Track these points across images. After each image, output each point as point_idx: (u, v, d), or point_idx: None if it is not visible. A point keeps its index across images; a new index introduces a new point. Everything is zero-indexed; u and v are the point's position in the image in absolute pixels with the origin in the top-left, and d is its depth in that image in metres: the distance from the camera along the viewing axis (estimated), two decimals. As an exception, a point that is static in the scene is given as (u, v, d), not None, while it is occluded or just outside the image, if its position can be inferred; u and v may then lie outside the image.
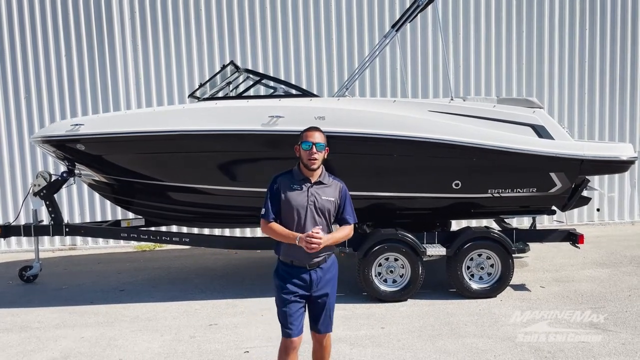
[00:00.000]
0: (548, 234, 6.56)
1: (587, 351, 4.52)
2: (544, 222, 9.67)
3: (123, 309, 5.97)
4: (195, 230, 8.19)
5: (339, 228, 3.56)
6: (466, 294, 5.99)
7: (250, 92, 6.65)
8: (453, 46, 9.66)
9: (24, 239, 9.21)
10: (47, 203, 6.83)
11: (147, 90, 9.37)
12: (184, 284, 6.90)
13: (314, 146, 3.38)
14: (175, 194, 6.44)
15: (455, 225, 8.54)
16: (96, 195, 9.06)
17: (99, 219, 9.28)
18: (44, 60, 9.26)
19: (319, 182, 3.46)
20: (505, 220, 7.11)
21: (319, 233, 3.30)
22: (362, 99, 7.46)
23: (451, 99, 6.18)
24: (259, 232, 8.50)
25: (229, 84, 6.84)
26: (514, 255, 6.02)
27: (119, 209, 8.33)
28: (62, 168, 7.16)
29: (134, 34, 9.31)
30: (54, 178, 6.88)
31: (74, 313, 5.90)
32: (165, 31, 9.34)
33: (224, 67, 7.18)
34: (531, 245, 6.39)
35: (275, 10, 9.40)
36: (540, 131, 5.90)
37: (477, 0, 9.65)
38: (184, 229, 8.13)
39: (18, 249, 9.36)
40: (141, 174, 6.30)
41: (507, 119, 5.91)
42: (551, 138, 5.89)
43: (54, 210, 6.83)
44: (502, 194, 6.01)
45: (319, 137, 3.42)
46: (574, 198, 6.24)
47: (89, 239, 9.40)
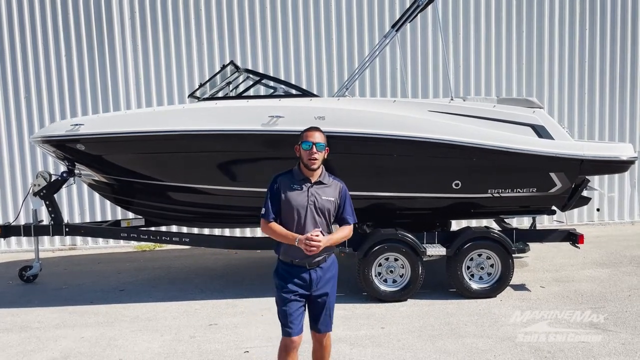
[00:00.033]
0: (548, 234, 6.56)
1: (587, 351, 4.52)
2: (544, 222, 9.67)
3: (123, 309, 5.97)
4: (195, 230, 8.19)
5: (338, 228, 3.56)
6: (466, 294, 5.99)
7: (250, 92, 6.65)
8: (453, 46, 9.66)
9: (24, 239, 9.21)
10: (47, 203, 6.83)
11: (147, 90, 9.37)
12: (184, 284, 6.90)
13: (314, 146, 3.39)
14: (175, 194, 6.45)
15: (455, 225, 8.54)
16: (96, 195, 9.06)
17: (99, 219, 9.28)
18: (43, 61, 9.26)
19: (319, 182, 3.47)
20: (505, 220, 7.12)
21: (318, 236, 3.31)
22: (362, 99, 7.47)
23: (451, 99, 6.18)
24: (259, 232, 8.50)
25: (229, 84, 6.84)
26: (514, 255, 6.02)
27: (119, 209, 8.33)
28: (62, 168, 7.16)
29: (134, 34, 9.31)
30: (54, 178, 6.88)
31: (74, 313, 5.91)
32: (165, 31, 9.34)
33: (224, 67, 7.18)
34: (531, 245, 6.39)
35: (275, 10, 9.40)
36: (540, 131, 5.90)
37: (477, 0, 9.65)
38: (184, 229, 8.13)
39: (18, 249, 9.36)
40: (141, 174, 6.30)
41: (507, 119, 5.91)
42: (551, 138, 5.90)
43: (54, 210, 6.84)
44: (502, 194, 6.02)
45: (319, 137, 3.43)
46: (574, 198, 6.25)
47: (89, 239, 9.40)
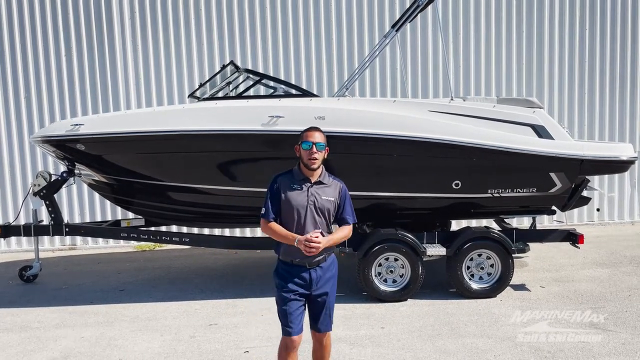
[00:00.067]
0: (548, 234, 6.56)
1: (587, 351, 4.52)
2: (544, 222, 9.67)
3: (123, 309, 5.97)
4: (195, 230, 8.19)
5: (338, 228, 3.56)
6: (466, 294, 5.99)
7: (250, 92, 6.65)
8: (453, 46, 9.66)
9: (24, 239, 9.21)
10: (47, 203, 6.83)
11: (147, 91, 9.37)
12: (184, 284, 6.90)
13: (314, 146, 3.39)
14: (175, 194, 6.45)
15: (455, 225, 8.54)
16: (96, 195, 9.06)
17: (99, 219, 9.28)
18: (43, 60, 9.26)
19: (319, 182, 3.47)
20: (505, 220, 7.11)
21: (318, 237, 3.31)
22: (362, 99, 7.46)
23: (451, 99, 6.18)
24: (259, 232, 8.50)
25: (229, 84, 6.84)
26: (514, 255, 6.02)
27: (119, 209, 8.33)
28: (62, 168, 7.16)
29: (134, 34, 9.31)
30: (53, 178, 6.88)
31: (74, 313, 5.91)
32: (165, 31, 9.34)
33: (224, 67, 7.18)
34: (531, 245, 6.39)
35: (275, 10, 9.40)
36: (540, 131, 5.90)
37: (477, 0, 9.65)
38: (184, 229, 8.13)
39: (18, 249, 9.36)
40: (141, 174, 6.30)
41: (507, 119, 5.91)
42: (551, 138, 5.90)
43: (54, 210, 6.83)
44: (502, 194, 6.02)
45: (319, 137, 3.44)
46: (573, 198, 6.25)
47: (89, 239, 9.40)
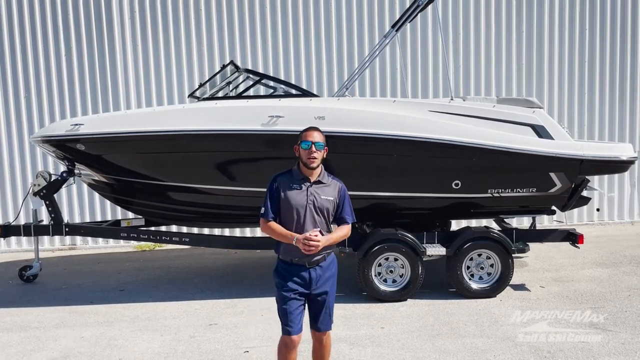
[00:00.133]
0: (548, 234, 6.56)
1: (587, 351, 4.52)
2: (544, 222, 9.67)
3: (123, 309, 5.97)
4: (195, 230, 8.19)
5: (337, 228, 3.56)
6: (466, 293, 5.99)
7: (250, 92, 6.65)
8: (453, 46, 9.66)
9: (24, 239, 9.21)
10: (47, 203, 6.83)
11: (147, 91, 9.37)
12: (184, 284, 6.90)
13: (313, 145, 3.40)
14: (175, 193, 6.44)
15: (455, 225, 8.54)
16: (96, 195, 9.06)
17: (99, 218, 9.28)
18: (43, 61, 9.26)
19: (318, 182, 3.48)
20: (505, 220, 7.12)
21: (317, 236, 3.32)
22: (362, 99, 7.45)
23: (451, 99, 6.18)
24: (258, 232, 8.50)
25: (228, 83, 6.84)
26: (513, 255, 6.02)
27: (119, 208, 8.33)
28: (62, 168, 7.16)
29: (133, 34, 9.31)
30: (53, 178, 6.88)
31: (74, 313, 5.91)
32: (165, 31, 9.34)
33: (224, 67, 7.18)
34: (531, 245, 6.39)
35: (275, 10, 9.40)
36: (540, 131, 5.90)
37: (477, 0, 9.65)
38: (184, 229, 8.12)
39: (18, 249, 9.36)
40: (141, 173, 6.30)
41: (507, 119, 5.91)
42: (551, 138, 5.90)
43: (54, 210, 6.83)
44: (502, 194, 6.02)
45: (318, 137, 3.45)
46: (573, 198, 6.25)
47: (89, 238, 9.40)
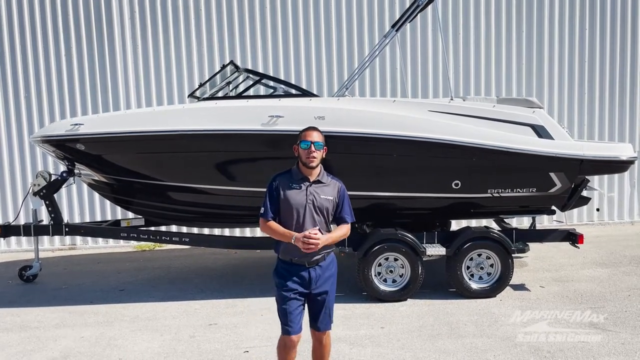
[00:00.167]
0: (548, 234, 6.56)
1: (587, 351, 4.52)
2: (544, 222, 9.67)
3: (123, 309, 5.97)
4: (195, 230, 8.19)
5: (337, 227, 3.57)
6: (466, 293, 5.99)
7: (250, 92, 6.65)
8: (453, 46, 9.66)
9: (24, 239, 9.21)
10: (47, 203, 6.83)
11: (147, 91, 9.37)
12: (184, 284, 6.90)
13: (312, 145, 3.41)
14: (175, 193, 6.44)
15: (455, 225, 8.54)
16: (96, 195, 9.06)
17: (98, 218, 9.28)
18: (43, 61, 9.26)
19: (317, 181, 3.48)
20: (505, 220, 7.12)
21: (317, 234, 3.32)
22: (362, 99, 7.46)
23: (451, 99, 6.18)
24: (258, 232, 8.49)
25: (228, 83, 6.83)
26: (513, 255, 6.02)
27: (118, 208, 8.33)
28: (62, 168, 7.16)
29: (133, 34, 9.31)
30: (53, 178, 6.88)
31: (74, 313, 5.91)
32: (165, 31, 9.34)
33: (223, 67, 7.18)
34: (531, 245, 6.39)
35: (275, 10, 9.40)
36: (540, 131, 5.90)
37: (477, 0, 9.65)
38: (184, 229, 8.12)
39: (18, 249, 9.36)
40: (141, 173, 6.30)
41: (507, 119, 5.91)
42: (551, 138, 5.90)
43: (54, 210, 6.83)
44: (502, 194, 6.01)
45: (317, 137, 3.46)
46: (573, 198, 6.25)
47: (89, 238, 9.40)
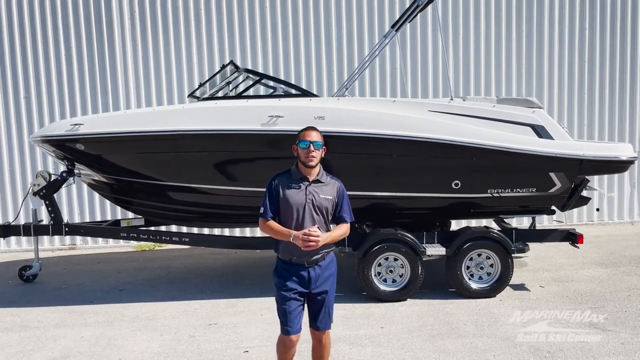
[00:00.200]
0: (548, 234, 6.55)
1: (587, 351, 4.52)
2: (544, 222, 9.67)
3: (123, 309, 5.97)
4: (195, 230, 8.19)
5: (336, 226, 3.58)
6: (466, 293, 5.99)
7: (250, 92, 6.65)
8: (453, 46, 9.66)
9: (24, 239, 9.21)
10: (47, 203, 6.83)
11: (147, 91, 9.37)
12: (184, 284, 6.90)
13: (311, 144, 3.42)
14: (175, 193, 6.44)
15: (455, 225, 8.54)
16: (96, 195, 9.06)
17: (98, 218, 9.28)
18: (43, 61, 9.25)
19: (316, 181, 3.49)
20: (505, 220, 7.11)
21: (316, 231, 3.32)
22: (362, 99, 7.46)
23: (451, 99, 6.18)
24: (258, 232, 8.49)
25: (228, 83, 6.83)
26: (513, 255, 6.02)
27: (118, 208, 8.33)
28: (62, 168, 7.16)
29: (133, 34, 9.31)
30: (53, 178, 6.88)
31: (74, 313, 5.91)
32: (165, 32, 9.33)
33: (223, 67, 7.18)
34: (531, 245, 6.40)
35: (275, 10, 9.40)
36: (539, 131, 5.90)
37: (477, 0, 9.65)
38: (184, 229, 8.12)
39: (18, 249, 9.36)
40: (141, 173, 6.30)
41: (507, 119, 5.91)
42: (551, 138, 5.90)
43: (54, 209, 6.83)
44: (502, 194, 6.01)
45: (315, 136, 3.47)
46: (573, 198, 6.25)
47: (89, 238, 9.40)
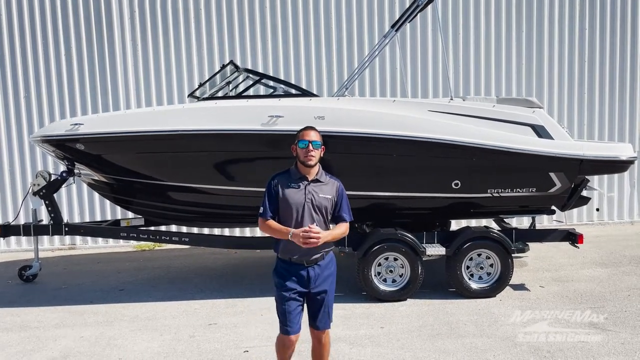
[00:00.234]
0: (547, 234, 6.55)
1: (587, 351, 4.52)
2: (544, 222, 9.67)
3: (122, 309, 5.97)
4: (195, 230, 8.19)
5: (335, 226, 3.58)
6: (465, 293, 5.99)
7: (250, 92, 6.65)
8: (453, 46, 9.66)
9: (24, 239, 9.21)
10: (47, 202, 6.83)
11: (147, 91, 9.37)
12: (184, 284, 6.90)
13: (310, 144, 3.43)
14: (174, 193, 6.44)
15: (455, 225, 8.54)
16: (96, 195, 9.06)
17: (98, 218, 9.28)
18: (43, 61, 9.25)
19: (316, 180, 3.50)
20: (505, 220, 7.12)
21: (316, 228, 3.33)
22: (362, 99, 7.44)
23: (451, 99, 6.18)
24: (258, 232, 8.49)
25: (228, 83, 6.83)
26: (513, 255, 6.02)
27: (118, 208, 8.33)
28: (62, 168, 7.16)
29: (133, 34, 9.31)
30: (53, 177, 6.88)
31: (74, 312, 5.91)
32: (165, 32, 9.33)
33: (223, 67, 7.17)
34: (531, 245, 6.39)
35: (274, 10, 9.40)
36: (539, 131, 5.90)
37: (477, 0, 9.65)
38: (184, 229, 8.12)
39: (17, 249, 9.36)
40: (141, 173, 6.30)
41: (507, 119, 5.91)
42: (551, 138, 5.90)
43: (54, 209, 6.83)
44: (502, 194, 6.01)
45: (314, 136, 3.48)
46: (573, 198, 6.25)
47: (89, 238, 9.40)
